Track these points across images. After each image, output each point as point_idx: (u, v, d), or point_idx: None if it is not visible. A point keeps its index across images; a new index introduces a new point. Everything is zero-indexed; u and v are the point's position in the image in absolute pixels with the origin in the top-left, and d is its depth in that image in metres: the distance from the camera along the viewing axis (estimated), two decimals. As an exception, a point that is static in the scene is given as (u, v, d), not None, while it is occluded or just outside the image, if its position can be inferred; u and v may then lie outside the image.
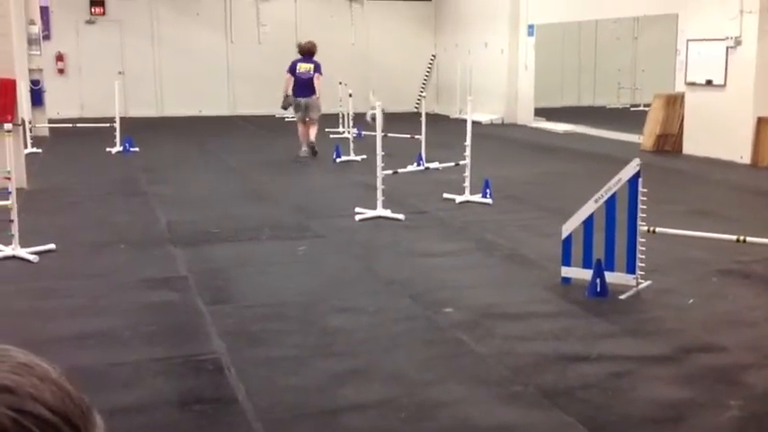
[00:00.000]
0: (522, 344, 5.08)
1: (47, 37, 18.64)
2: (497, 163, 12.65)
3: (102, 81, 18.77)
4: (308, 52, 13.50)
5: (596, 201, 6.15)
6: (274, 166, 12.82)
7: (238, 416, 4.11)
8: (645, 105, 18.27)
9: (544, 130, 18.31)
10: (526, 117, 19.51)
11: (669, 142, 14.47)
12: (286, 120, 20.23)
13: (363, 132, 15.23)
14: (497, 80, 19.87)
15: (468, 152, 9.56)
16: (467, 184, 9.58)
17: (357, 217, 8.68)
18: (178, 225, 8.41)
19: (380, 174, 8.75)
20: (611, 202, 6.09)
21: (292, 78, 13.36)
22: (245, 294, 6.17)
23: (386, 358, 4.89)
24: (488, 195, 9.57)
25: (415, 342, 5.19)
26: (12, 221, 7.01)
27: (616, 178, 6.09)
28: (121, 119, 14.54)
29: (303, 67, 13.36)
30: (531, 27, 19.22)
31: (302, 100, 13.29)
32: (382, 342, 5.16)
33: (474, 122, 10.21)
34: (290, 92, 13.39)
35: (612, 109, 22.78)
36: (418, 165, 11.31)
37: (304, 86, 13.26)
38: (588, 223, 6.17)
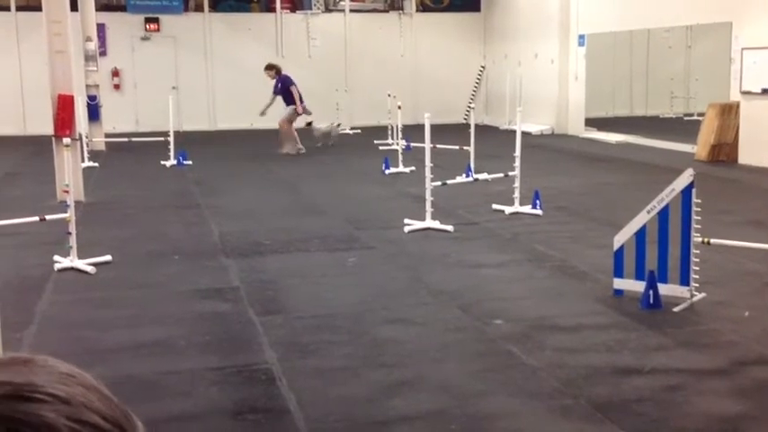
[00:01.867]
0: (574, 356, 5.04)
1: (103, 53, 19.12)
2: (547, 174, 12.56)
3: (156, 96, 19.16)
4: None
5: (649, 211, 6.08)
6: (324, 177, 12.93)
7: (290, 426, 4.16)
8: (699, 115, 17.96)
9: (595, 140, 18.12)
10: (577, 127, 19.34)
11: (724, 152, 14.20)
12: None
13: (412, 144, 15.26)
14: (547, 90, 19.75)
15: (517, 163, 9.52)
16: (516, 195, 9.53)
17: (406, 228, 8.70)
18: (230, 236, 8.54)
19: (429, 185, 8.77)
20: (664, 213, 6.02)
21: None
22: (295, 305, 6.24)
23: (436, 369, 4.90)
24: (538, 206, 9.51)
25: (464, 353, 5.18)
26: (70, 234, 7.20)
27: (669, 188, 6.01)
28: (175, 133, 14.82)
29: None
30: (581, 37, 19.08)
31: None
32: (432, 353, 5.17)
33: (524, 133, 10.17)
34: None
35: (665, 119, 22.44)
36: (467, 176, 11.28)
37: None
38: (641, 234, 6.10)
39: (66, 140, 7.94)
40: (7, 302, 4.48)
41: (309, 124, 16.49)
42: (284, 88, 16.45)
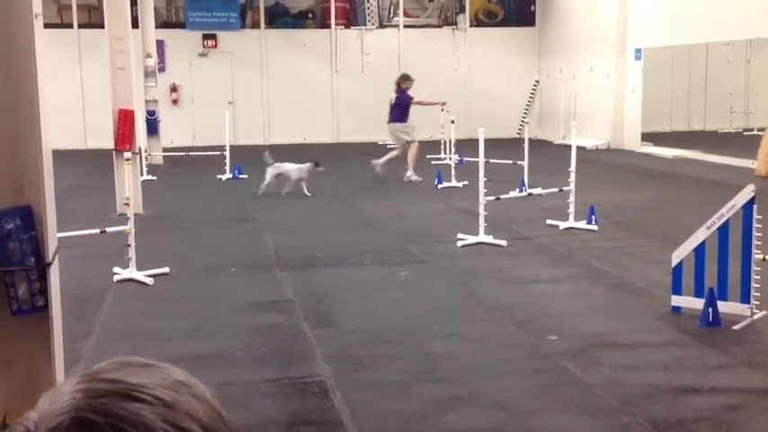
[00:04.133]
0: (631, 374, 4.96)
1: (162, 69, 19.53)
2: (603, 189, 12.41)
3: (213, 111, 19.48)
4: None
5: (708, 228, 5.97)
6: (376, 192, 12.98)
7: (344, 438, 4.17)
8: (759, 130, 17.58)
9: (652, 155, 17.85)
10: (633, 142, 19.07)
11: (786, 167, 13.85)
12: (388, 146, 20.50)
13: (465, 159, 15.22)
14: (603, 105, 19.54)
15: (572, 177, 9.44)
16: (571, 210, 9.44)
17: (459, 243, 8.68)
18: (284, 250, 8.62)
19: (483, 200, 8.74)
20: (723, 230, 5.90)
21: None
22: (348, 318, 6.27)
23: (490, 385, 4.87)
24: (594, 222, 9.40)
25: (519, 370, 5.14)
26: (129, 246, 7.36)
27: (729, 204, 5.89)
28: (231, 147, 15.04)
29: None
30: (638, 51, 18.85)
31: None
32: (486, 369, 5.14)
33: (578, 148, 10.08)
34: None
35: (724, 134, 22.01)
36: (521, 191, 11.22)
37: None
38: (700, 251, 5.99)
39: (127, 155, 8.13)
40: (68, 313, 4.58)
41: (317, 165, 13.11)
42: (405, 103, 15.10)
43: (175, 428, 0.67)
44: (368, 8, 22.22)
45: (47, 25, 4.43)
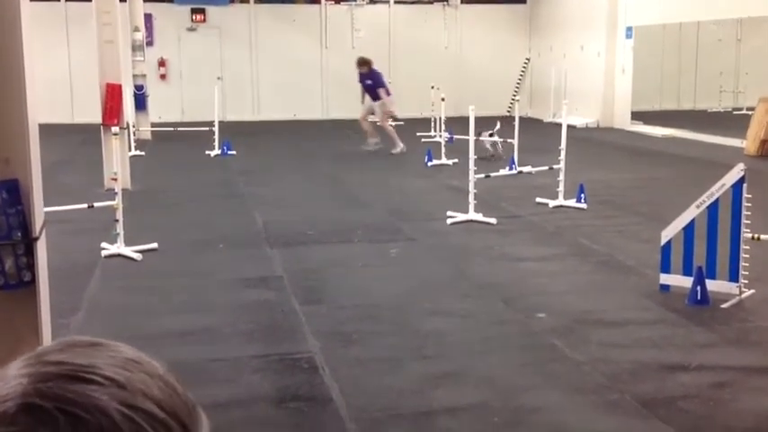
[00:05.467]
0: (619, 351, 4.99)
1: (150, 43, 19.32)
2: (592, 167, 12.42)
3: (201, 86, 19.33)
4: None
5: (698, 206, 5.98)
6: (366, 168, 12.94)
7: (333, 415, 4.18)
8: (748, 109, 17.62)
9: (642, 134, 17.87)
10: (623, 121, 19.08)
11: (774, 147, 13.89)
12: (378, 123, 20.41)
13: (455, 136, 15.20)
14: (593, 83, 19.51)
15: (562, 156, 9.43)
16: (561, 188, 9.45)
17: (449, 221, 8.68)
18: (274, 226, 8.60)
19: (473, 177, 8.73)
20: (713, 208, 5.91)
21: None
22: (338, 295, 6.26)
23: (479, 362, 4.88)
24: (583, 200, 9.41)
25: (508, 346, 5.16)
26: (117, 221, 7.31)
27: (719, 183, 5.90)
28: (220, 123, 14.95)
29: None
30: (629, 29, 18.80)
31: None
32: (475, 346, 5.15)
33: (568, 126, 10.06)
34: None
35: (714, 113, 22.04)
36: (510, 169, 11.21)
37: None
38: (689, 229, 6.00)
39: (115, 129, 8.06)
40: (55, 288, 4.56)
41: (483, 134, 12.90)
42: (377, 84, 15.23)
43: (130, 409, 0.63)
44: (359, -17, 22.04)
45: (33, -3, 4.35)
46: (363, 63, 15.46)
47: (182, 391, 0.68)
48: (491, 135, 13.38)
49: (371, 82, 15.19)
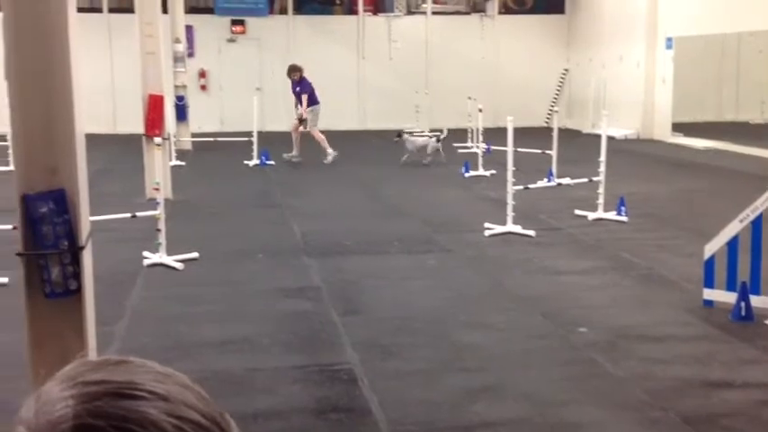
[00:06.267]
0: (662, 367, 4.92)
1: (191, 55, 19.58)
2: (632, 179, 12.29)
3: (241, 96, 19.52)
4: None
5: (741, 220, 5.88)
6: (403, 180, 12.95)
7: (372, 427, 4.18)
8: (792, 121, 17.30)
9: (683, 145, 17.65)
10: (663, 132, 18.86)
11: (820, 160, 13.63)
12: (414, 134, 20.42)
13: (492, 147, 15.16)
14: (633, 94, 19.33)
15: (602, 168, 9.35)
16: (600, 200, 9.36)
17: (486, 232, 8.64)
18: (311, 236, 8.63)
19: (511, 189, 8.69)
20: (757, 223, 5.81)
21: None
22: (375, 306, 6.27)
23: (518, 376, 4.85)
24: (623, 213, 9.31)
25: (548, 361, 5.11)
26: (159, 230, 7.40)
27: (764, 197, 5.80)
28: (258, 133, 15.07)
29: None
30: (669, 40, 18.61)
31: None
32: (514, 359, 5.12)
33: (608, 137, 9.97)
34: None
35: (756, 125, 21.70)
36: (549, 180, 11.14)
37: None
38: (733, 244, 5.91)
39: (158, 140, 8.16)
40: (99, 296, 4.61)
41: (400, 136, 14.79)
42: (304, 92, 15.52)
43: (178, 419, 0.65)
44: (396, -5, 22.13)
45: (77, 9, 4.43)
46: (294, 70, 15.77)
47: (210, 399, 0.70)
48: (438, 141, 14.29)
49: (299, 89, 15.50)
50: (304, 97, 15.23)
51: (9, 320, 5.44)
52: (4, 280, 6.50)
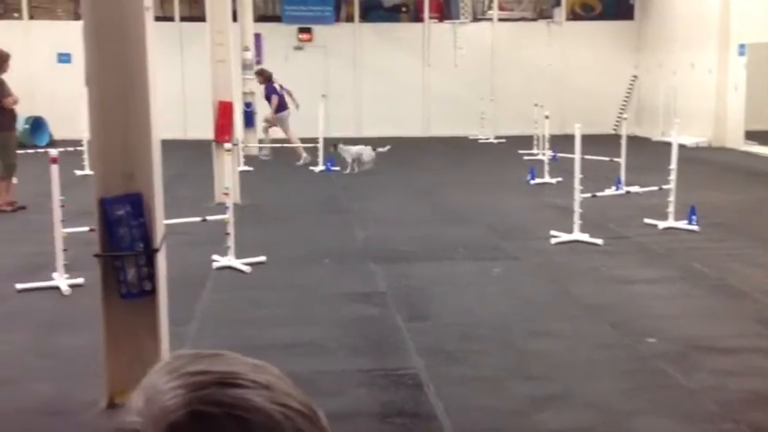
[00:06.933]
0: (733, 379, 4.81)
1: (259, 62, 19.87)
2: (704, 188, 12.02)
3: (306, 103, 19.75)
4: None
5: (820, 231, 5.71)
6: (468, 186, 12.92)
7: (437, 432, 4.19)
8: None
9: (756, 154, 17.17)
10: (736, 140, 18.39)
11: None
12: (479, 141, 20.37)
13: (558, 154, 15.02)
14: (704, 101, 18.91)
15: (673, 176, 9.18)
16: (671, 209, 9.18)
17: (553, 240, 8.56)
18: (376, 242, 8.68)
19: (578, 197, 8.59)
20: (836, 233, 5.64)
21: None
22: (441, 312, 6.27)
23: (586, 385, 4.80)
24: (694, 222, 9.12)
25: (616, 370, 5.05)
26: (228, 234, 7.55)
27: (843, 207, 5.62)
28: (324, 139, 15.23)
29: None
30: (742, 46, 18.15)
31: None
32: (582, 368, 5.06)
33: (678, 145, 9.77)
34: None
35: (834, 132, 20.96)
36: (617, 188, 10.98)
37: None
38: (810, 255, 5.74)
39: (228, 146, 8.32)
40: (170, 298, 4.74)
41: (335, 147, 14.66)
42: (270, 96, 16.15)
43: (282, 407, 0.67)
44: (462, 1, 22.11)
45: (152, 18, 4.57)
46: (259, 74, 16.29)
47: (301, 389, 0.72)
48: (374, 150, 14.56)
49: (267, 93, 16.07)
50: (272, 102, 16.06)
51: (85, 320, 5.63)
52: (80, 280, 6.71)
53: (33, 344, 5.51)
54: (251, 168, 14.65)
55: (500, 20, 22.24)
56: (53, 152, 6.76)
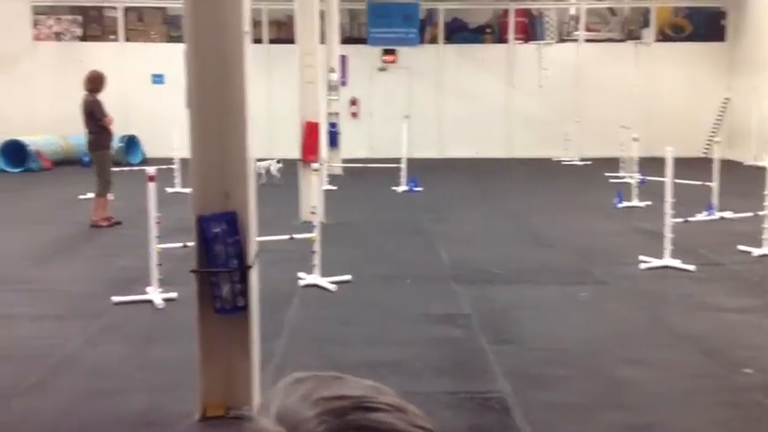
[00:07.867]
0: (838, 416, 4.60)
1: (343, 83, 20.16)
2: (800, 214, 11.55)
3: (389, 124, 19.93)
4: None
5: None
6: (553, 208, 12.76)
7: (525, 457, 4.13)
8: None
9: None
10: (833, 165, 17.66)
11: None
12: (563, 163, 20.13)
13: (647, 178, 14.70)
14: (800, 124, 18.24)
15: (767, 202, 8.87)
16: (766, 236, 8.87)
17: (642, 265, 8.37)
18: (459, 263, 8.66)
19: (669, 221, 8.39)
20: None
21: None
22: (527, 336, 6.20)
23: (679, 416, 4.67)
24: (791, 249, 8.78)
25: (710, 401, 4.89)
26: (314, 252, 7.65)
27: None
28: (407, 160, 15.30)
29: None
30: (842, 67, 17.47)
31: None
32: (674, 398, 4.93)
33: (774, 170, 9.45)
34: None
35: None
36: (709, 213, 10.67)
37: None
38: None
39: (316, 165, 8.44)
40: (259, 314, 4.83)
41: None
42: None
43: (421, 429, 0.68)
44: (547, 22, 21.96)
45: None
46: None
47: None
48: (279, 162, 15.31)
49: None
50: None
51: (179, 333, 5.79)
52: (174, 294, 6.90)
53: (130, 356, 5.69)
54: (335, 187, 14.82)
55: (586, 41, 21.99)
56: (150, 170, 6.99)
